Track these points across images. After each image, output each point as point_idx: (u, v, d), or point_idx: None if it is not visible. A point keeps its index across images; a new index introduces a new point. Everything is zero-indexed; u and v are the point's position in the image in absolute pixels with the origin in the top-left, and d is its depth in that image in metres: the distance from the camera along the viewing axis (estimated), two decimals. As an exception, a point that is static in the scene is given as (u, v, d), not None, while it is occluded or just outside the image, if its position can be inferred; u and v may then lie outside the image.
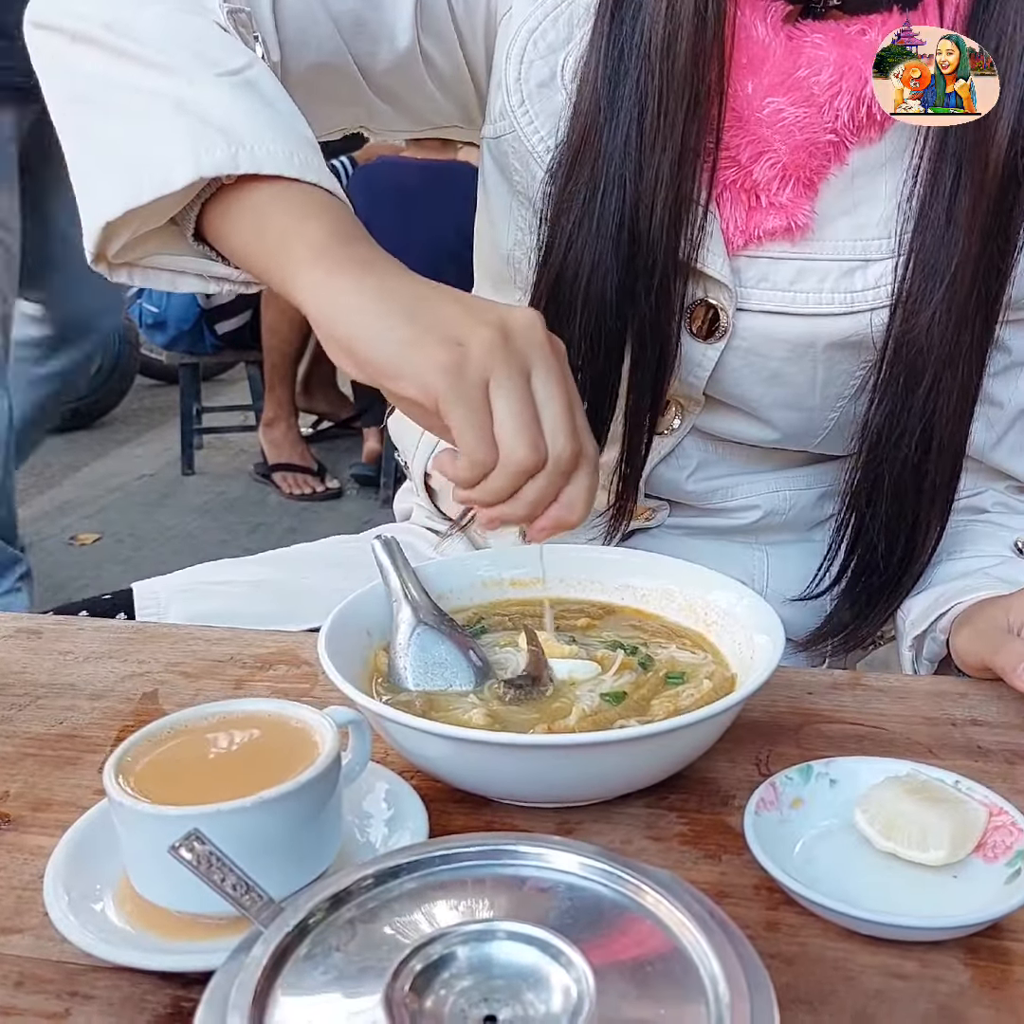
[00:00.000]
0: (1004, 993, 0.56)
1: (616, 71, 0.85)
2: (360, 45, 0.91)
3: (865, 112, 0.85)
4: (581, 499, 0.66)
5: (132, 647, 0.92)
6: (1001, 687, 0.85)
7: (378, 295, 0.66)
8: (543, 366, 0.64)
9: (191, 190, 0.73)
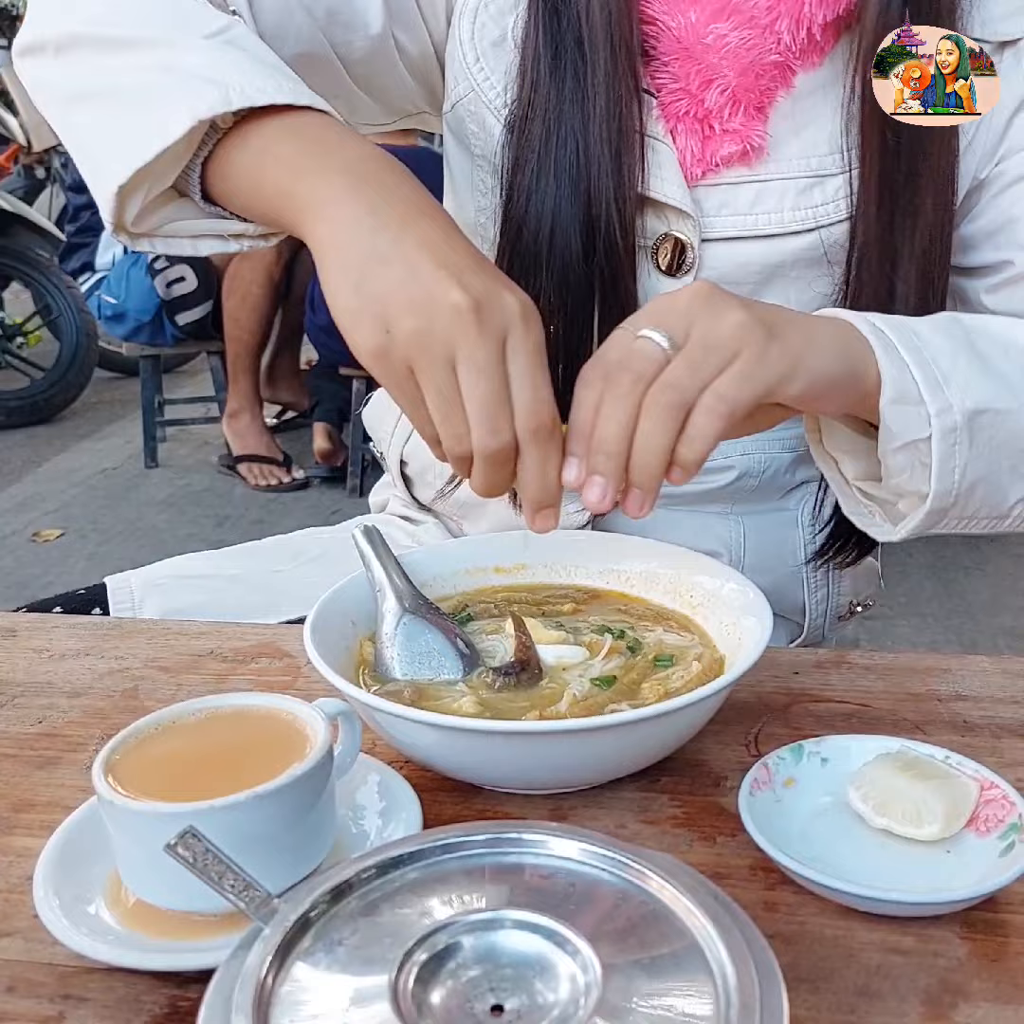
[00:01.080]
0: (1003, 965, 0.56)
1: (553, 24, 0.88)
2: (336, 34, 0.92)
3: (805, 34, 0.87)
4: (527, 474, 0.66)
5: (109, 643, 0.91)
6: (984, 662, 0.85)
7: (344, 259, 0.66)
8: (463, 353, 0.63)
9: (189, 143, 0.74)
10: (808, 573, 1.07)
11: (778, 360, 0.67)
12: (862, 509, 0.80)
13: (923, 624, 2.85)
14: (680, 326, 0.67)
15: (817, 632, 1.11)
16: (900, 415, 0.71)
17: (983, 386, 0.72)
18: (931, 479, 0.72)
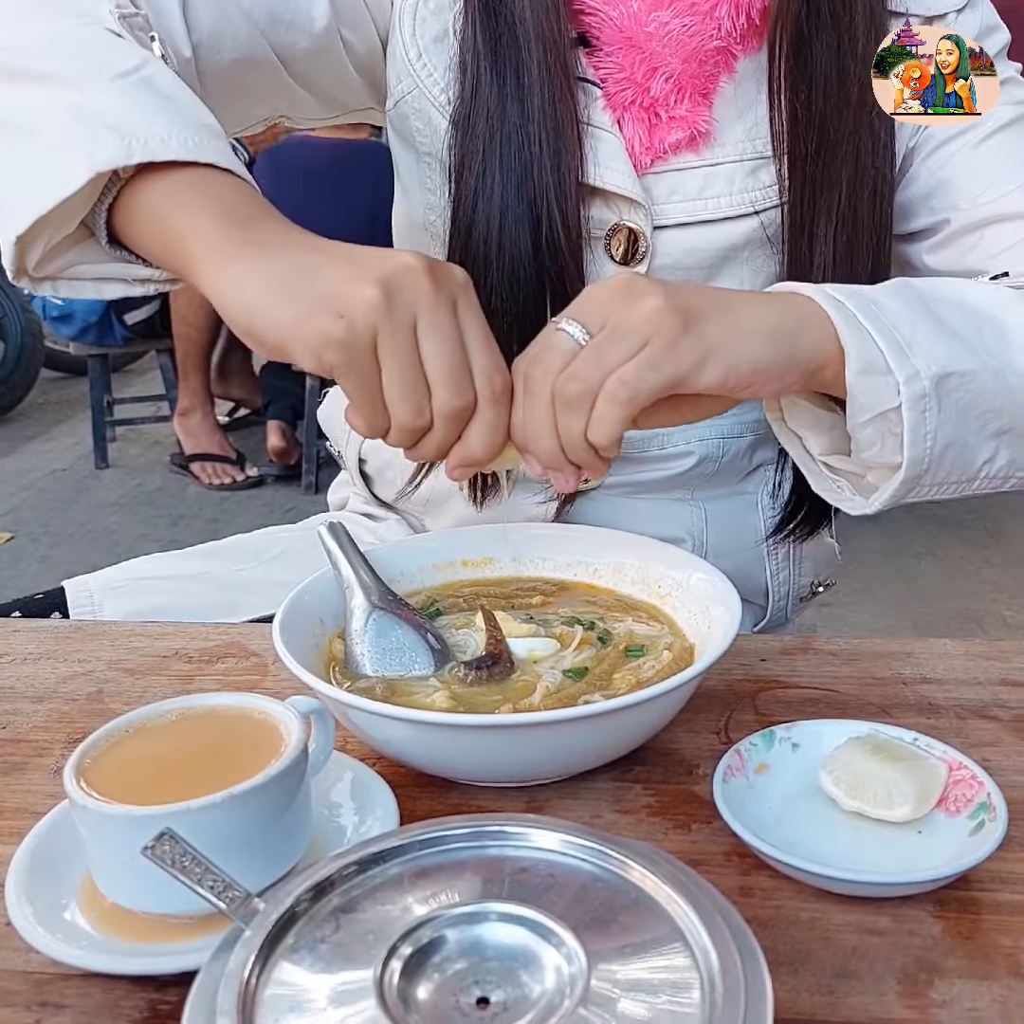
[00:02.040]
0: (975, 943, 0.57)
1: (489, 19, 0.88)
2: (278, 35, 0.91)
3: (745, 19, 0.89)
4: (477, 434, 0.67)
5: (71, 646, 0.90)
6: (946, 645, 0.87)
7: (264, 276, 0.66)
8: (425, 317, 0.64)
9: (92, 191, 0.72)
10: (770, 555, 1.08)
11: (688, 350, 0.66)
12: (831, 485, 0.80)
13: (878, 609, 2.89)
14: (597, 317, 0.67)
15: (780, 614, 1.13)
16: (868, 386, 0.70)
17: (945, 349, 0.72)
18: (903, 448, 0.71)
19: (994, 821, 0.61)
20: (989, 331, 0.75)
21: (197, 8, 0.87)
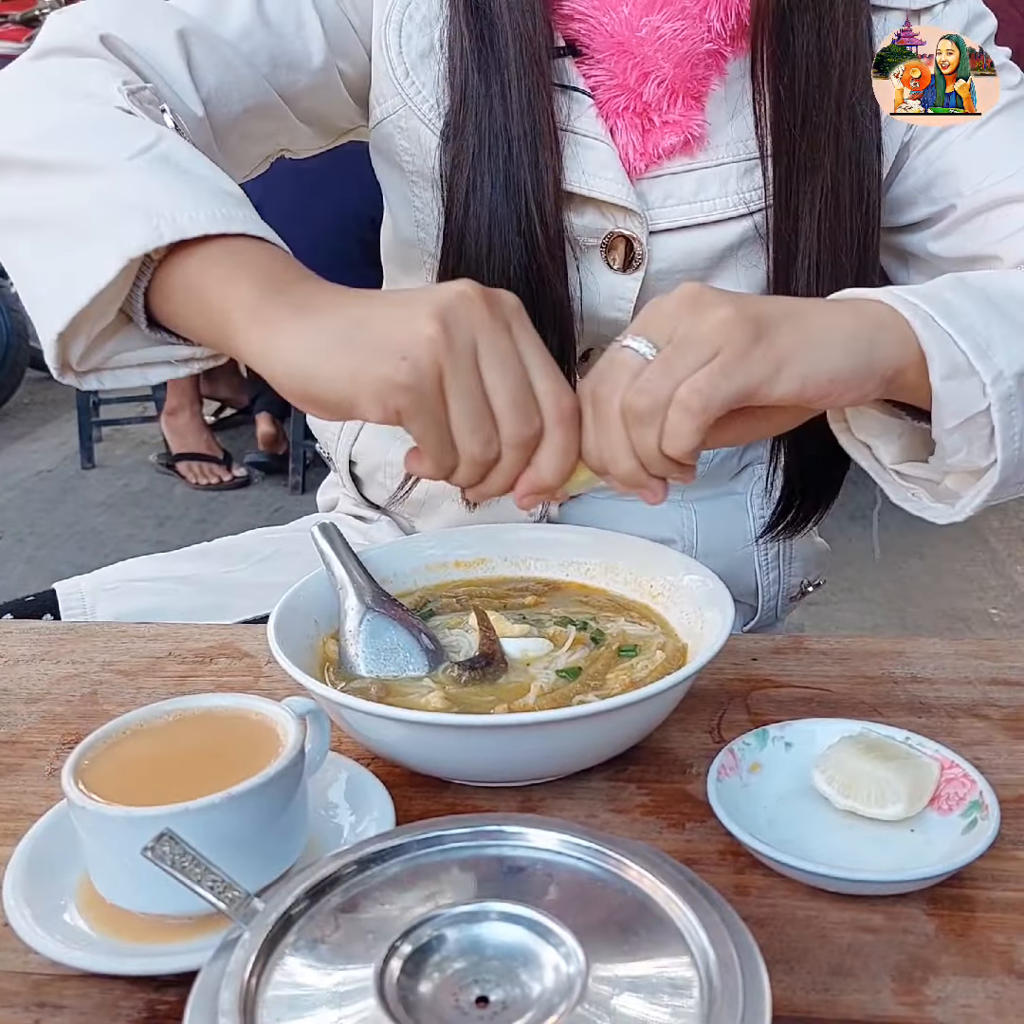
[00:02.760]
0: (969, 940, 0.57)
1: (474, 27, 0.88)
2: (281, 77, 0.92)
3: (735, 20, 0.89)
4: (548, 460, 0.65)
5: (64, 648, 0.90)
6: (937, 644, 0.87)
7: (315, 336, 0.64)
8: (485, 346, 0.63)
9: (126, 276, 0.71)
10: (760, 555, 1.09)
11: (761, 359, 0.64)
12: (906, 494, 0.77)
13: (866, 608, 2.90)
14: (664, 330, 0.65)
15: (770, 614, 1.13)
16: (955, 391, 0.67)
17: (1020, 344, 0.69)
18: (997, 450, 0.69)
19: (986, 819, 0.61)
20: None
21: (201, 64, 0.87)
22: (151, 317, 0.76)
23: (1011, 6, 3.09)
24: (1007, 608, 2.91)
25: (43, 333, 0.74)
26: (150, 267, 0.73)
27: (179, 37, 0.86)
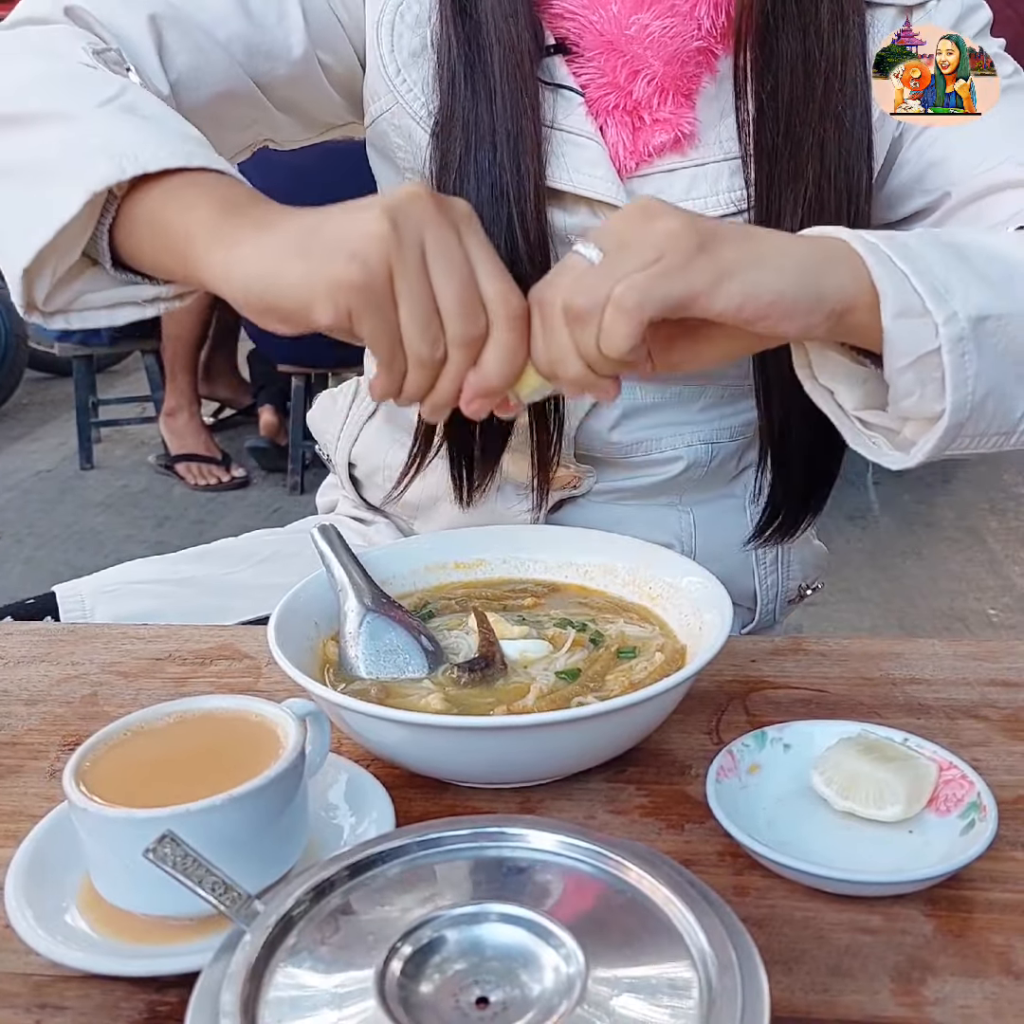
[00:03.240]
0: (967, 941, 0.58)
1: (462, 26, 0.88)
2: (257, 65, 0.92)
3: (724, 17, 0.89)
4: (492, 359, 0.65)
5: (64, 649, 0.90)
6: (935, 646, 0.87)
7: (271, 246, 0.65)
8: (433, 246, 0.63)
9: (90, 214, 0.72)
10: (758, 559, 1.09)
11: (702, 269, 0.62)
12: (866, 441, 0.76)
13: (863, 609, 2.90)
14: (613, 237, 0.65)
15: (768, 617, 1.13)
16: (906, 329, 0.66)
17: (980, 292, 0.68)
18: (946, 392, 0.68)
19: (984, 820, 0.62)
20: (1019, 279, 0.72)
21: (171, 47, 0.87)
22: (116, 257, 0.77)
23: (1008, 6, 3.10)
24: (1005, 608, 2.91)
25: (8, 271, 0.74)
26: (114, 204, 0.74)
27: (151, 21, 0.86)
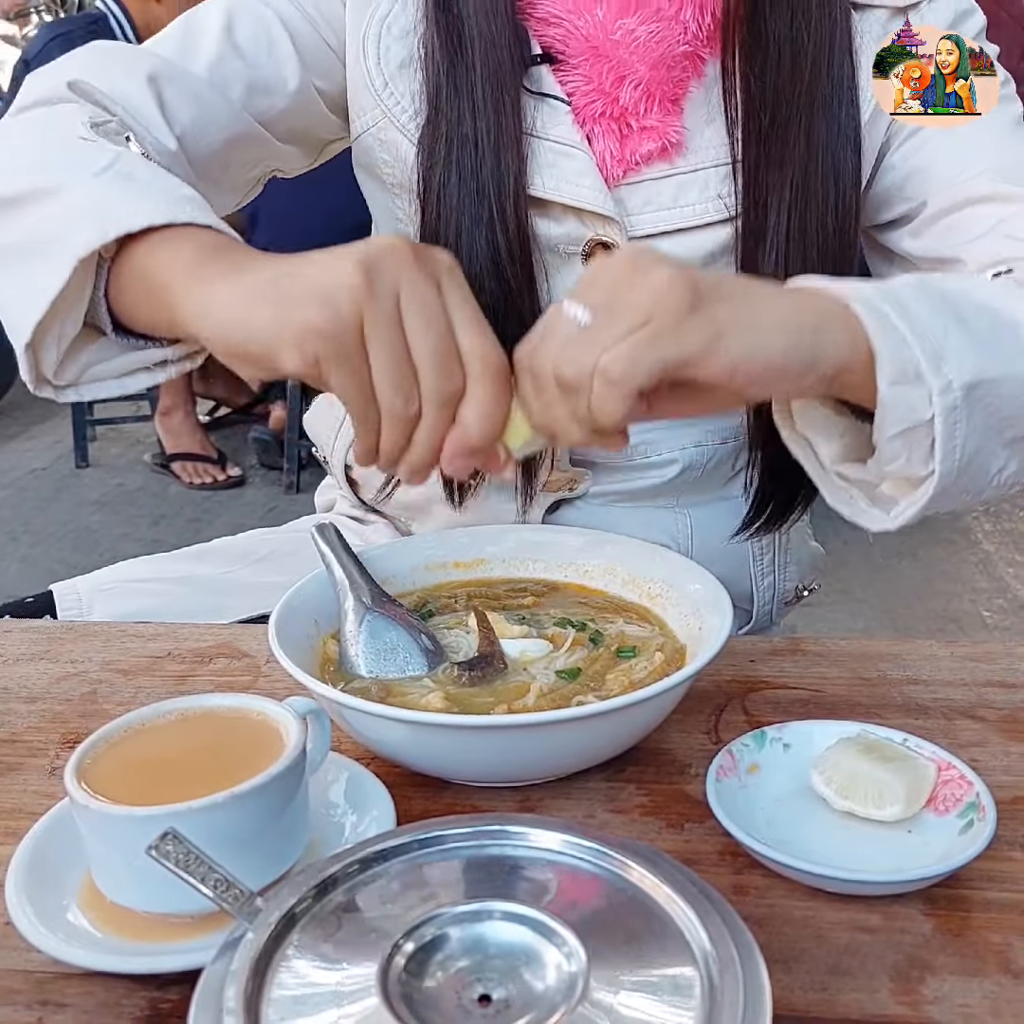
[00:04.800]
0: (966, 940, 0.58)
1: (448, 34, 0.88)
2: (257, 104, 0.94)
3: (711, 20, 0.88)
4: (471, 415, 0.63)
5: (64, 647, 0.90)
6: (933, 646, 0.88)
7: (244, 289, 0.64)
8: (407, 296, 0.61)
9: (83, 280, 0.73)
10: (755, 561, 1.09)
11: (692, 333, 0.59)
12: (844, 496, 0.73)
13: (858, 610, 2.91)
14: (600, 295, 0.62)
15: (765, 618, 1.13)
16: (901, 397, 0.64)
17: (973, 356, 0.66)
18: (936, 462, 0.66)
19: (983, 820, 0.62)
20: (1006, 332, 0.70)
21: (172, 103, 0.88)
22: (117, 322, 0.77)
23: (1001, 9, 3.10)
24: (999, 611, 2.92)
25: (16, 347, 0.75)
26: (105, 268, 0.74)
27: (150, 81, 0.87)
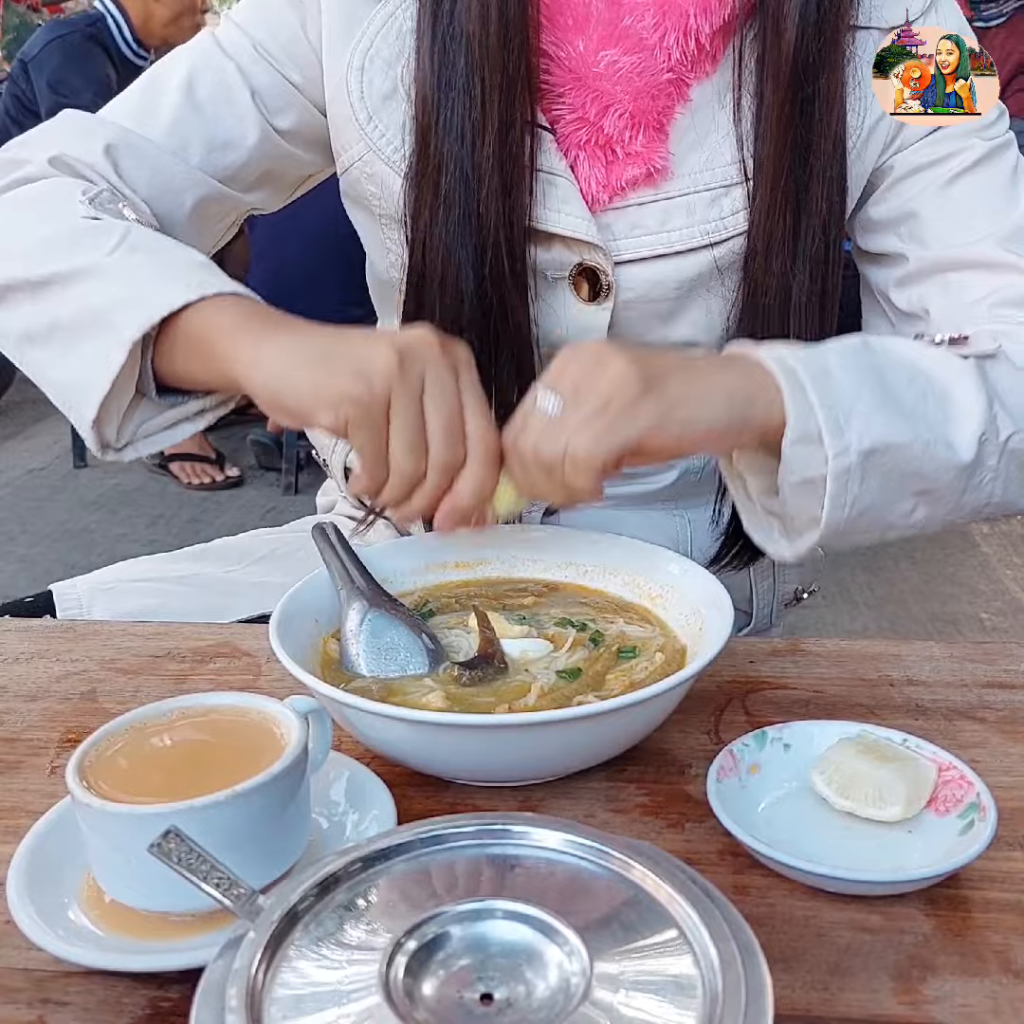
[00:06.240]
0: (966, 939, 0.58)
1: (442, 64, 0.88)
2: (216, 161, 0.96)
3: (695, 45, 0.88)
4: (466, 486, 0.74)
5: (63, 646, 0.90)
6: (933, 648, 0.88)
7: (292, 353, 0.75)
8: (432, 382, 0.72)
9: (132, 360, 0.81)
10: (754, 563, 1.09)
11: (647, 411, 0.70)
12: (763, 523, 0.81)
13: (856, 611, 2.91)
14: (568, 384, 0.72)
15: (764, 620, 1.14)
16: (800, 454, 0.72)
17: (882, 423, 0.73)
18: (823, 513, 0.73)
19: (984, 821, 0.62)
20: (934, 401, 0.76)
21: (129, 173, 0.92)
22: (160, 384, 0.85)
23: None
24: (997, 612, 2.92)
25: (79, 423, 0.84)
26: (150, 342, 0.82)
27: (106, 152, 0.92)
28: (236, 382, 0.78)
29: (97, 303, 0.81)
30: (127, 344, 0.79)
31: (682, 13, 0.86)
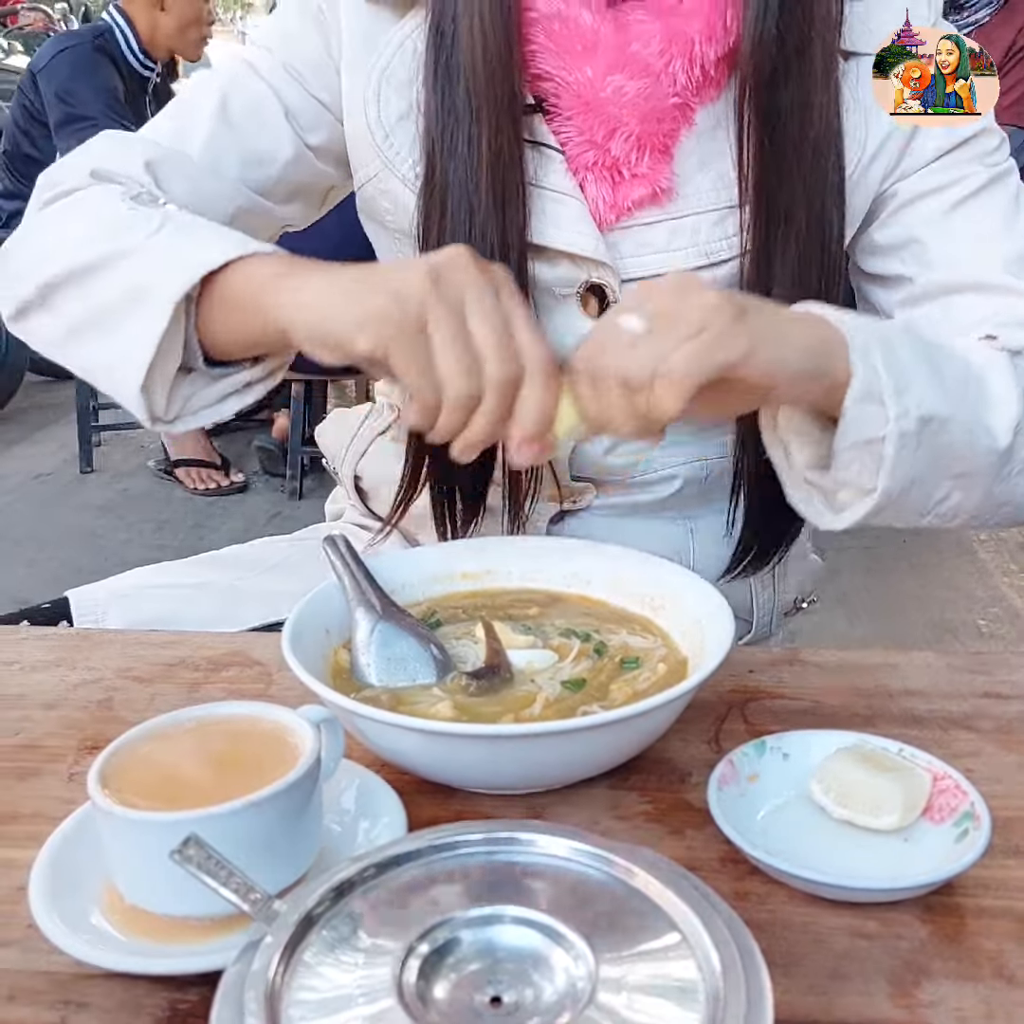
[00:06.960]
0: (961, 946, 0.60)
1: (444, 89, 0.91)
2: (251, 175, 0.98)
3: (700, 71, 0.90)
4: (528, 411, 0.70)
5: (80, 654, 0.92)
6: (929, 657, 0.89)
7: (326, 285, 0.74)
8: (472, 295, 0.70)
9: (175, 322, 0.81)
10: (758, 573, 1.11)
11: (743, 337, 0.69)
12: (804, 495, 0.82)
13: (855, 619, 2.92)
14: (654, 308, 0.70)
15: (765, 629, 1.15)
16: (863, 413, 0.74)
17: (933, 396, 0.76)
18: (880, 479, 0.75)
19: (978, 829, 0.63)
20: (974, 388, 0.80)
21: (171, 190, 0.93)
22: (206, 355, 0.85)
23: None
24: (995, 619, 2.94)
25: (127, 396, 0.84)
26: (192, 306, 0.82)
27: (146, 167, 0.93)
28: (280, 329, 0.77)
29: (140, 281, 0.82)
30: (170, 305, 0.79)
31: (688, 40, 0.88)
